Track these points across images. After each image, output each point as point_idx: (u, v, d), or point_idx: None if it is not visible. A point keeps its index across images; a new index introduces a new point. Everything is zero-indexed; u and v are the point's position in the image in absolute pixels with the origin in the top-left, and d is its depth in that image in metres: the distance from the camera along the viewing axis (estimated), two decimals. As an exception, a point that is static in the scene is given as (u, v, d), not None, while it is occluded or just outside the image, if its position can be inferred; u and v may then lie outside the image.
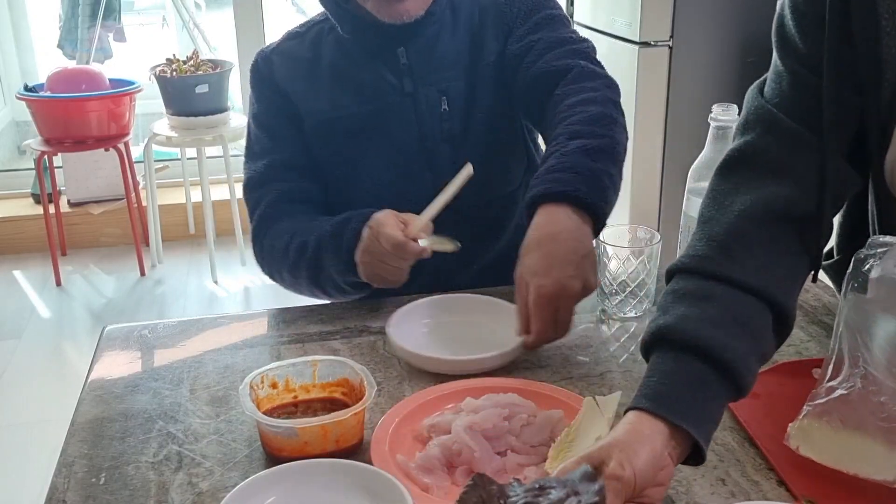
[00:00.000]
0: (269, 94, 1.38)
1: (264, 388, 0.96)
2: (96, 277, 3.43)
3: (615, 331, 1.18)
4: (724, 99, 1.43)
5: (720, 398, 0.80)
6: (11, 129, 4.14)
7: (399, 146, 1.33)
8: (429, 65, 1.33)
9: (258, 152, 1.38)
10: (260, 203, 1.34)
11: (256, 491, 0.82)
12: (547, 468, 0.85)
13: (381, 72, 1.33)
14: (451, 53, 1.34)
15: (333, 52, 1.36)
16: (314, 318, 1.23)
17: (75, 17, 3.67)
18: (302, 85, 1.36)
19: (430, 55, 1.33)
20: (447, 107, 1.33)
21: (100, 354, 1.16)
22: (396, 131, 1.33)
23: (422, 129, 1.34)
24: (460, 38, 1.35)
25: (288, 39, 1.42)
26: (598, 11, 3.01)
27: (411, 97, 1.33)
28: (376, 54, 1.33)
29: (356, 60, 1.34)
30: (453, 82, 1.34)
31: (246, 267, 3.44)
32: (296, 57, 1.38)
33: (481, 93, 1.34)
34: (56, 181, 3.49)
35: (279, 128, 1.37)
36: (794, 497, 0.84)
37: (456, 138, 1.34)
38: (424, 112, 1.33)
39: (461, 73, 1.34)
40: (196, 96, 3.22)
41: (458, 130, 1.34)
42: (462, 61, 1.35)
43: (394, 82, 1.33)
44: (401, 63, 1.33)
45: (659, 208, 2.98)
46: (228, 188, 3.36)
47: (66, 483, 0.90)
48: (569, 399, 0.98)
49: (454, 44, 1.35)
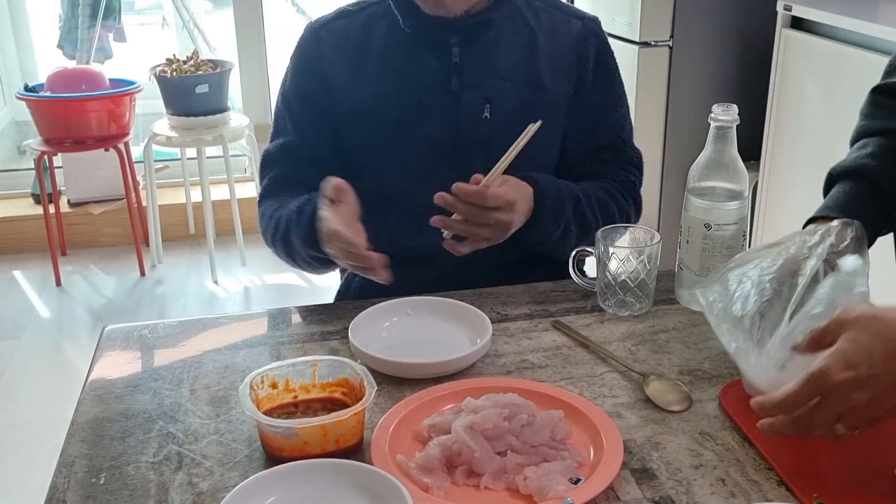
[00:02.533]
0: (306, 75, 1.38)
1: (264, 388, 0.96)
2: (96, 277, 3.43)
3: (615, 331, 1.18)
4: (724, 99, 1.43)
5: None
6: (11, 129, 4.14)
7: (433, 143, 1.34)
8: (480, 69, 1.34)
9: (279, 129, 1.41)
10: (263, 179, 1.41)
11: (256, 491, 0.82)
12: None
13: (431, 65, 1.33)
14: (506, 64, 1.35)
15: (385, 38, 1.36)
16: (314, 318, 1.23)
17: (75, 17, 3.67)
18: (346, 69, 1.36)
19: (482, 60, 1.34)
20: (489, 115, 1.34)
21: (100, 354, 1.16)
22: (434, 128, 1.33)
23: (459, 131, 1.34)
24: (518, 52, 1.36)
25: (339, 17, 1.40)
26: (598, 11, 3.01)
27: (455, 96, 1.33)
28: (430, 48, 1.33)
29: (408, 50, 1.34)
30: (500, 92, 1.34)
31: (246, 267, 3.44)
32: (345, 38, 1.37)
33: (528, 113, 1.32)
34: (56, 181, 3.49)
35: (302, 114, 1.38)
36: (801, 500, 0.84)
37: (491, 147, 1.32)
38: (465, 114, 1.33)
39: (511, 87, 1.35)
40: (196, 96, 3.22)
41: (495, 140, 1.32)
42: (516, 76, 1.35)
43: (442, 78, 1.33)
44: (452, 61, 1.33)
45: (659, 208, 2.98)
46: (228, 188, 3.36)
47: (66, 483, 0.90)
48: (569, 399, 0.98)
49: (510, 56, 1.35)
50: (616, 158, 1.43)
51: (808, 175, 2.49)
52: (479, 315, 1.16)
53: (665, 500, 0.85)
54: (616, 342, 1.15)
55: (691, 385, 1.04)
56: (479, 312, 1.16)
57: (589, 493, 0.83)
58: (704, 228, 1.17)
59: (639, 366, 1.08)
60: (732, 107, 1.16)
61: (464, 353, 1.07)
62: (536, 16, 1.39)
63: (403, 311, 1.20)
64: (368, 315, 1.17)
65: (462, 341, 1.14)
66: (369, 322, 1.16)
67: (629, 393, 1.03)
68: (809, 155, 2.54)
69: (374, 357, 1.06)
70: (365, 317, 1.16)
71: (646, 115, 2.86)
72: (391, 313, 1.19)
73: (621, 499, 0.85)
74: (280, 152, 1.40)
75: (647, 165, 1.51)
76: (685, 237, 1.20)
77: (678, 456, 0.92)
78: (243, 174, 3.89)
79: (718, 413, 0.99)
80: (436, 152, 1.34)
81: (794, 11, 2.56)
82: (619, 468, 0.87)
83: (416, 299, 1.21)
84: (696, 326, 1.17)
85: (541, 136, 1.35)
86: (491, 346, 1.12)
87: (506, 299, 1.27)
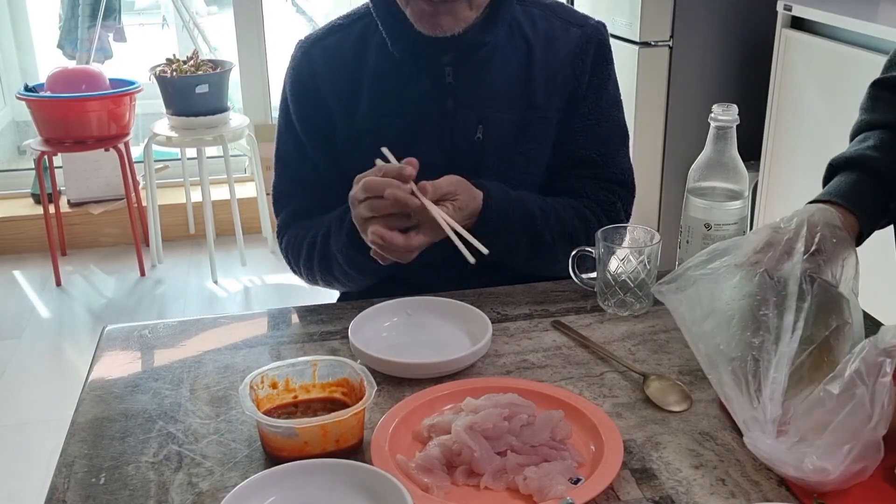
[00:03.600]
0: (303, 100, 1.34)
1: (264, 388, 0.96)
2: (96, 277, 3.43)
3: (615, 331, 1.18)
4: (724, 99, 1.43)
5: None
6: (11, 129, 4.14)
7: (427, 163, 1.26)
8: (473, 88, 1.30)
9: (285, 158, 1.38)
10: (285, 207, 1.38)
11: (256, 491, 0.82)
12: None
13: (424, 86, 1.29)
14: (500, 82, 1.31)
15: (378, 55, 1.31)
16: (314, 318, 1.23)
17: (75, 17, 3.67)
18: (341, 92, 1.32)
19: (476, 79, 1.29)
20: (481, 135, 1.30)
21: (100, 354, 1.15)
22: (427, 149, 1.28)
23: (453, 152, 1.30)
24: (513, 69, 1.31)
25: (331, 33, 1.35)
26: (598, 11, 3.01)
27: (449, 117, 1.30)
28: (423, 67, 1.29)
29: (401, 69, 1.30)
30: (494, 113, 1.30)
31: (246, 267, 3.44)
32: (339, 57, 1.32)
33: (519, 135, 1.31)
34: (56, 181, 3.49)
35: (308, 140, 1.35)
36: (801, 500, 0.84)
37: (483, 169, 1.30)
38: (459, 135, 1.30)
39: (505, 106, 1.31)
40: (196, 96, 3.22)
41: (488, 161, 1.30)
42: (510, 94, 1.31)
43: (435, 98, 1.29)
44: (446, 81, 1.29)
45: (659, 208, 2.98)
46: (228, 188, 3.36)
47: (66, 483, 0.90)
48: (569, 399, 0.98)
49: (505, 73, 1.31)
50: (594, 175, 1.36)
51: (808, 175, 2.49)
52: (479, 315, 1.16)
53: (665, 500, 0.85)
54: (616, 342, 1.15)
55: (691, 385, 1.04)
56: (479, 312, 1.16)
57: (589, 493, 0.83)
58: (704, 228, 1.17)
59: (639, 366, 1.08)
60: (732, 107, 1.16)
61: (464, 353, 1.07)
62: (534, 25, 1.34)
63: (403, 311, 1.20)
64: (368, 315, 1.17)
65: (462, 341, 1.14)
66: (369, 322, 1.16)
67: (629, 393, 1.03)
68: (809, 155, 2.54)
69: (375, 357, 1.06)
70: (365, 317, 1.16)
71: (646, 115, 2.86)
72: (391, 313, 1.19)
73: (621, 499, 0.85)
74: (293, 186, 1.37)
75: (646, 165, 1.51)
76: (685, 237, 1.20)
77: (678, 456, 0.92)
78: (243, 174, 3.89)
79: (718, 413, 0.99)
80: (430, 173, 1.28)
81: (794, 11, 2.56)
82: (619, 468, 0.87)
83: (417, 299, 1.21)
84: (696, 326, 1.17)
85: (532, 157, 1.34)
86: (491, 346, 1.12)
87: (506, 299, 1.27)
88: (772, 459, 0.86)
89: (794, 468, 0.83)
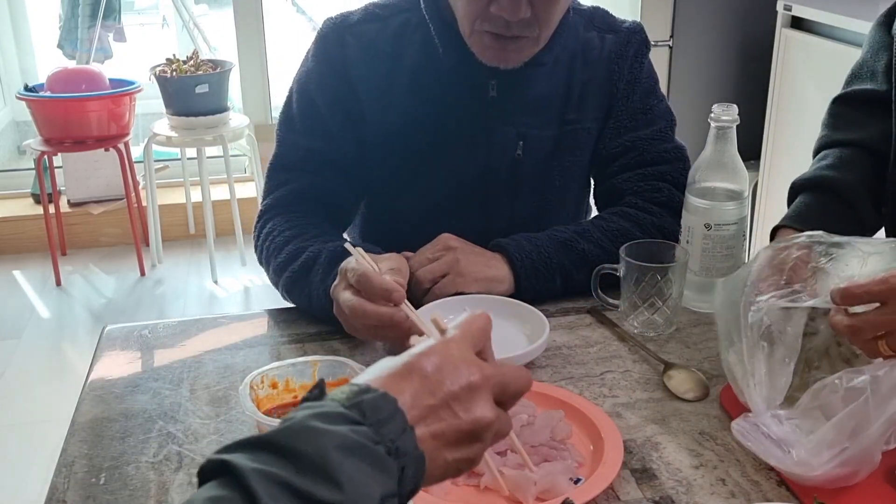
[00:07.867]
0: (332, 74, 1.25)
1: (264, 388, 0.96)
2: (96, 277, 3.43)
3: (615, 330, 1.18)
4: (724, 99, 1.43)
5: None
6: (11, 129, 4.14)
7: (460, 177, 1.25)
8: (516, 104, 1.25)
9: (299, 129, 1.27)
10: (282, 186, 1.27)
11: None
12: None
13: (464, 96, 1.24)
14: (543, 100, 1.27)
15: (418, 53, 1.24)
16: (314, 318, 1.23)
17: (75, 17, 3.67)
18: (375, 85, 1.25)
19: (520, 95, 1.25)
20: (521, 152, 1.27)
21: (100, 354, 1.15)
22: (462, 161, 1.26)
23: (489, 166, 1.27)
24: (555, 83, 1.27)
25: (367, 21, 1.26)
26: (598, 11, 3.01)
27: (488, 132, 1.25)
28: (466, 77, 1.23)
29: (442, 73, 1.23)
30: (535, 129, 1.27)
31: (246, 267, 3.44)
32: (375, 48, 1.25)
33: (559, 152, 1.28)
34: (56, 181, 3.49)
35: (329, 112, 1.26)
36: (801, 500, 0.84)
37: (520, 188, 1.28)
38: (497, 151, 1.26)
39: (546, 123, 1.27)
40: (196, 96, 3.22)
41: (525, 179, 1.28)
42: (551, 110, 1.27)
43: (474, 111, 1.24)
44: (489, 94, 1.24)
45: (659, 208, 2.98)
46: (228, 188, 3.36)
47: (66, 483, 0.90)
48: (569, 399, 0.98)
49: (547, 88, 1.26)
50: (637, 163, 1.31)
51: (808, 175, 2.49)
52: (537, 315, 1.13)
53: (665, 500, 0.85)
54: (616, 342, 1.15)
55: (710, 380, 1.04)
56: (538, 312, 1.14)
57: (589, 493, 0.83)
58: (704, 228, 1.17)
59: (639, 366, 1.08)
60: (732, 107, 1.16)
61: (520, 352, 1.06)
62: (577, 36, 1.29)
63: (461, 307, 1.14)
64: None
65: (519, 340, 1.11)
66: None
67: (629, 393, 1.03)
68: (809, 154, 2.54)
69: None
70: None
71: (646, 115, 2.86)
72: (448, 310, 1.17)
73: (621, 499, 0.85)
74: (299, 155, 1.26)
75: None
76: (685, 237, 1.20)
77: (678, 456, 0.92)
78: (243, 174, 3.89)
79: (718, 413, 0.99)
80: (461, 189, 1.26)
81: (794, 11, 2.57)
82: (619, 468, 0.87)
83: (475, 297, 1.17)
84: (696, 326, 1.17)
85: (568, 171, 1.31)
86: (491, 346, 1.12)
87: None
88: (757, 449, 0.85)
89: (777, 460, 0.83)
